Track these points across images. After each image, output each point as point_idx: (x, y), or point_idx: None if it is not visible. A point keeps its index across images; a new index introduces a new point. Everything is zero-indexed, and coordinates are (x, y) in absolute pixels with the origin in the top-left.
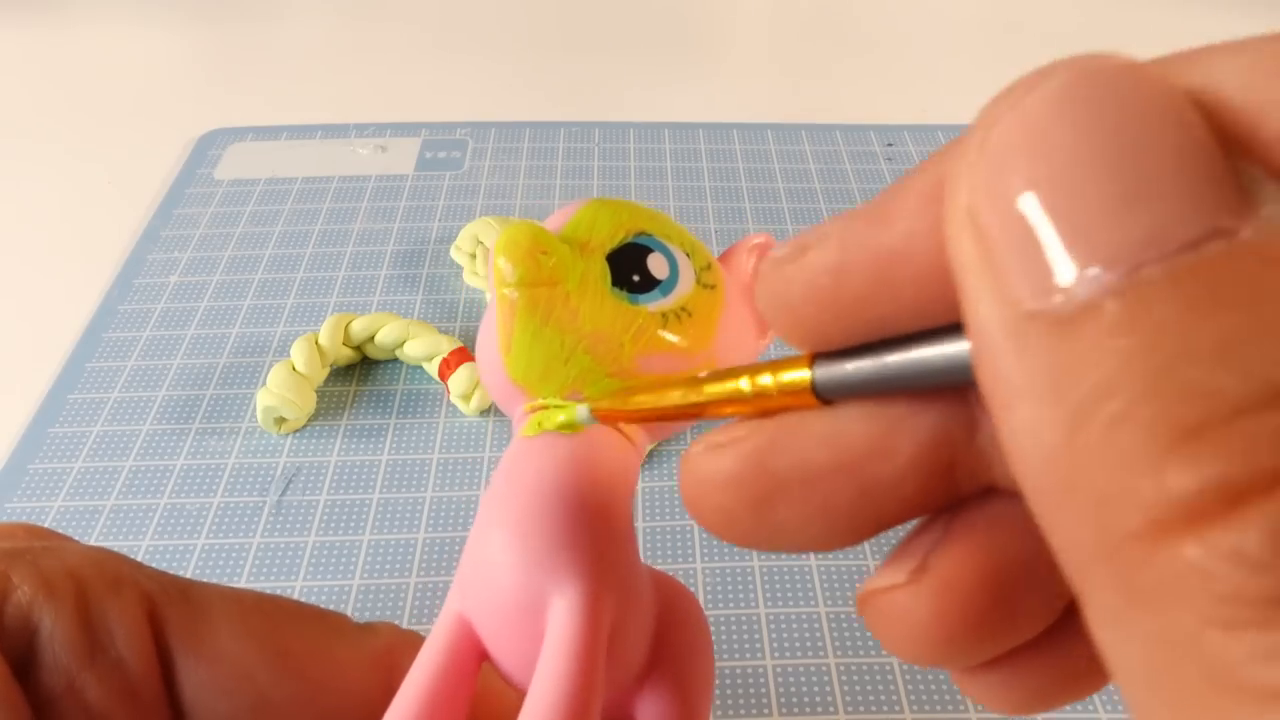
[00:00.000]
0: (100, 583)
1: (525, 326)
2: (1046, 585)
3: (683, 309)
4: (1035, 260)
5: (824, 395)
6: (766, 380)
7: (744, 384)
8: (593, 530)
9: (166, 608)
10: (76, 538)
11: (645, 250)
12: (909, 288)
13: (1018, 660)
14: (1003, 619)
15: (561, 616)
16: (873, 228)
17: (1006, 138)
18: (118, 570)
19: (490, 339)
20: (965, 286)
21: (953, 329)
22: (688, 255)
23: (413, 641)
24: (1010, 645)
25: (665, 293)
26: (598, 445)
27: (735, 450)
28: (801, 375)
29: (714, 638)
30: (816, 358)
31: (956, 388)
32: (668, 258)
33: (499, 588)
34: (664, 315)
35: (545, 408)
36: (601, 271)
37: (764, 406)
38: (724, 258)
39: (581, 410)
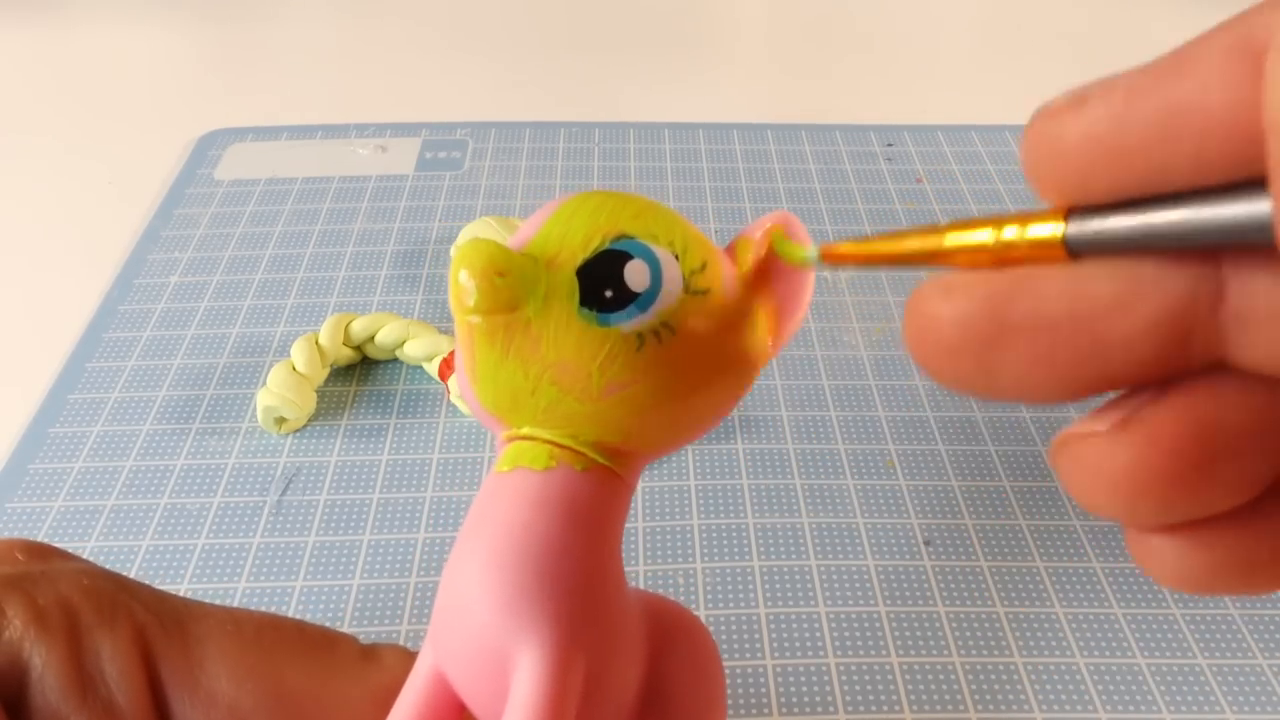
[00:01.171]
0: (94, 615)
1: (486, 358)
2: (1257, 459)
3: (664, 325)
4: None
5: (1075, 250)
6: (1012, 233)
7: (987, 235)
8: (567, 578)
9: (161, 642)
10: (77, 538)
11: (622, 258)
12: (1193, 142)
13: (1203, 530)
14: (1202, 481)
15: (525, 676)
16: (1165, 81)
17: None
18: (113, 599)
19: (457, 354)
20: (1271, 93)
21: (1237, 189)
22: (677, 256)
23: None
24: (1200, 512)
25: (643, 307)
26: (578, 482)
27: (970, 293)
28: (1052, 230)
29: (714, 638)
30: (1071, 212)
31: (1211, 253)
32: (649, 263)
33: (467, 635)
34: (639, 336)
35: (522, 439)
36: (569, 289)
37: (1004, 259)
38: (732, 247)
39: (811, 251)
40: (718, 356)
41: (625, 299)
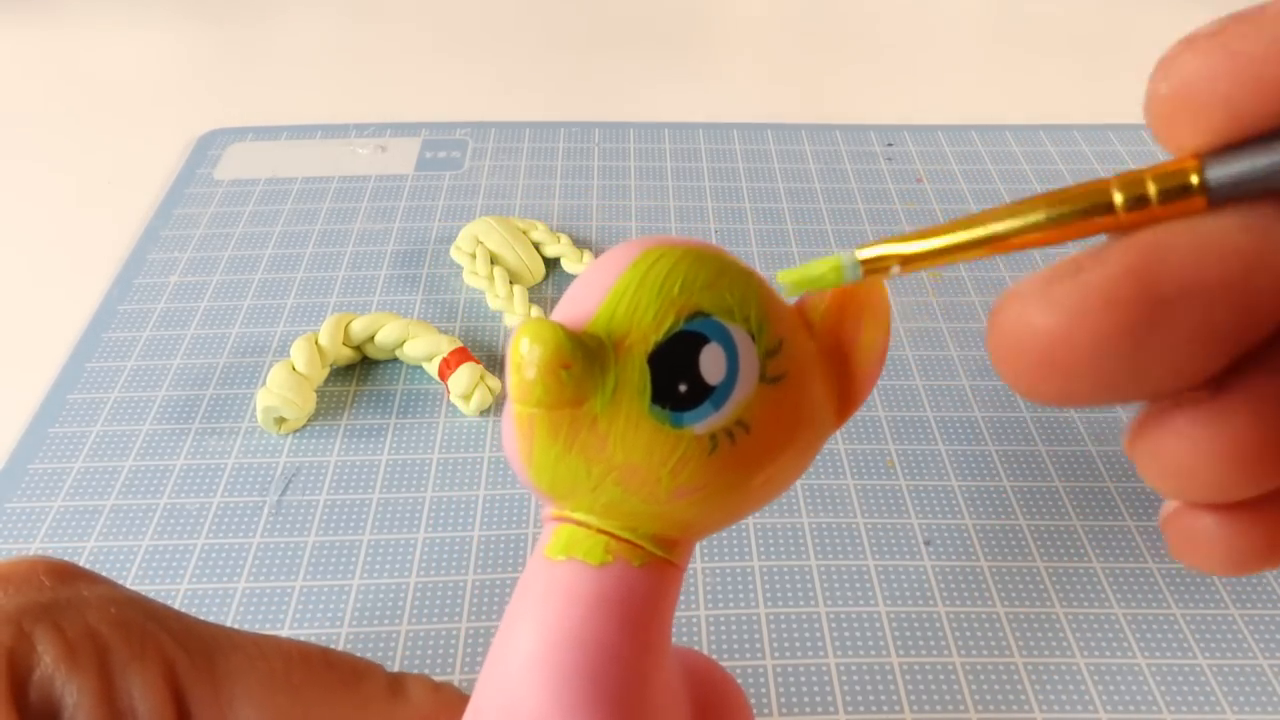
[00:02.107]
0: (124, 649)
1: (545, 449)
2: None
3: (738, 423)
4: None
5: (1216, 198)
6: (1143, 190)
7: (1117, 197)
8: (619, 682)
9: (190, 678)
10: (76, 538)
11: (698, 342)
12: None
13: (1262, 505)
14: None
15: None
16: None
17: None
18: (143, 631)
19: (511, 431)
20: None
21: None
22: (752, 335)
23: (448, 703)
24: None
25: (718, 404)
26: (635, 579)
27: (1106, 271)
28: (1188, 180)
29: (715, 638)
30: (1205, 158)
31: None
32: (726, 349)
33: None
34: (713, 438)
35: (576, 523)
36: (640, 382)
37: (1133, 222)
38: (803, 309)
39: (847, 263)
40: (790, 445)
41: (700, 394)
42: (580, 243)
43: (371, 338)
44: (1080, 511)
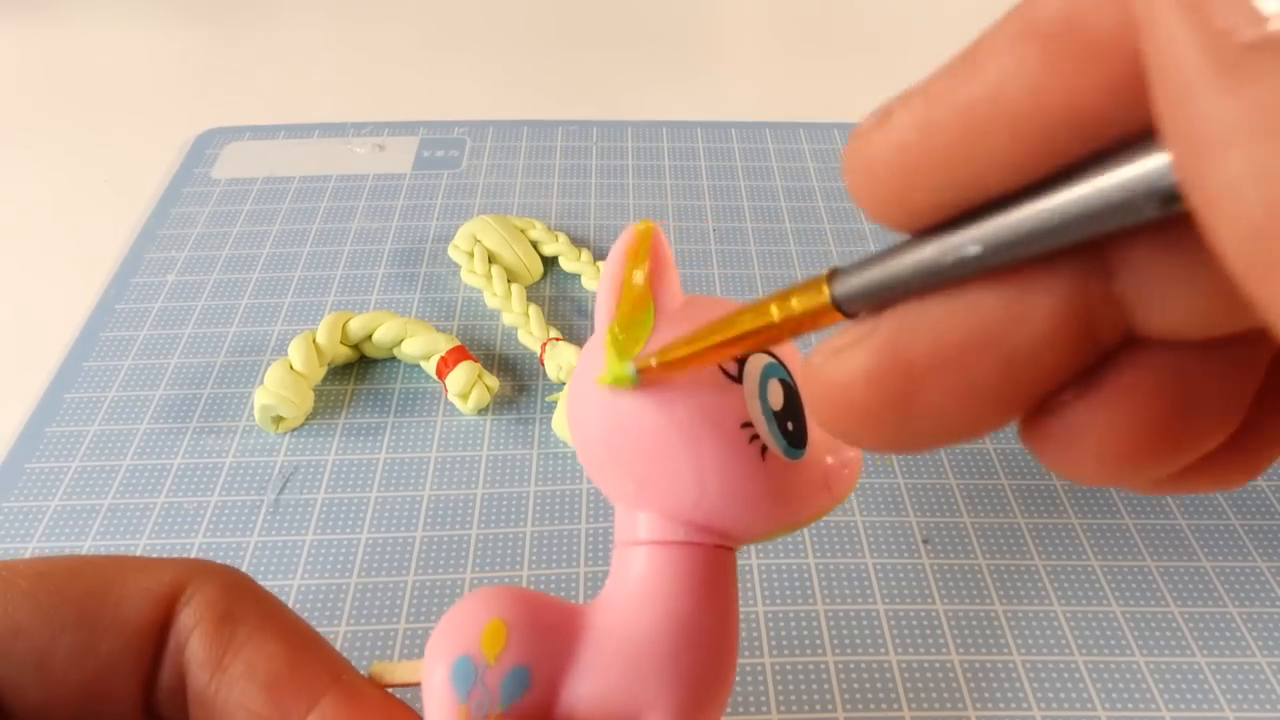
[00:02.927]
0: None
1: None
2: (1215, 406)
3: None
4: None
5: (847, 307)
6: (789, 306)
7: (774, 311)
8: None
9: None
10: (74, 537)
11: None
12: (1003, 137)
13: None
14: (1177, 447)
15: None
16: (961, 78)
17: None
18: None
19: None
20: (1157, 30)
21: (1060, 178)
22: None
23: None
24: (1180, 465)
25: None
26: (721, 566)
27: (864, 347)
28: (819, 297)
29: None
30: (834, 274)
31: (1073, 243)
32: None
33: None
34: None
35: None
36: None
37: (794, 330)
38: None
39: (630, 370)
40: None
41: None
42: (578, 241)
43: (369, 336)
44: (1078, 510)
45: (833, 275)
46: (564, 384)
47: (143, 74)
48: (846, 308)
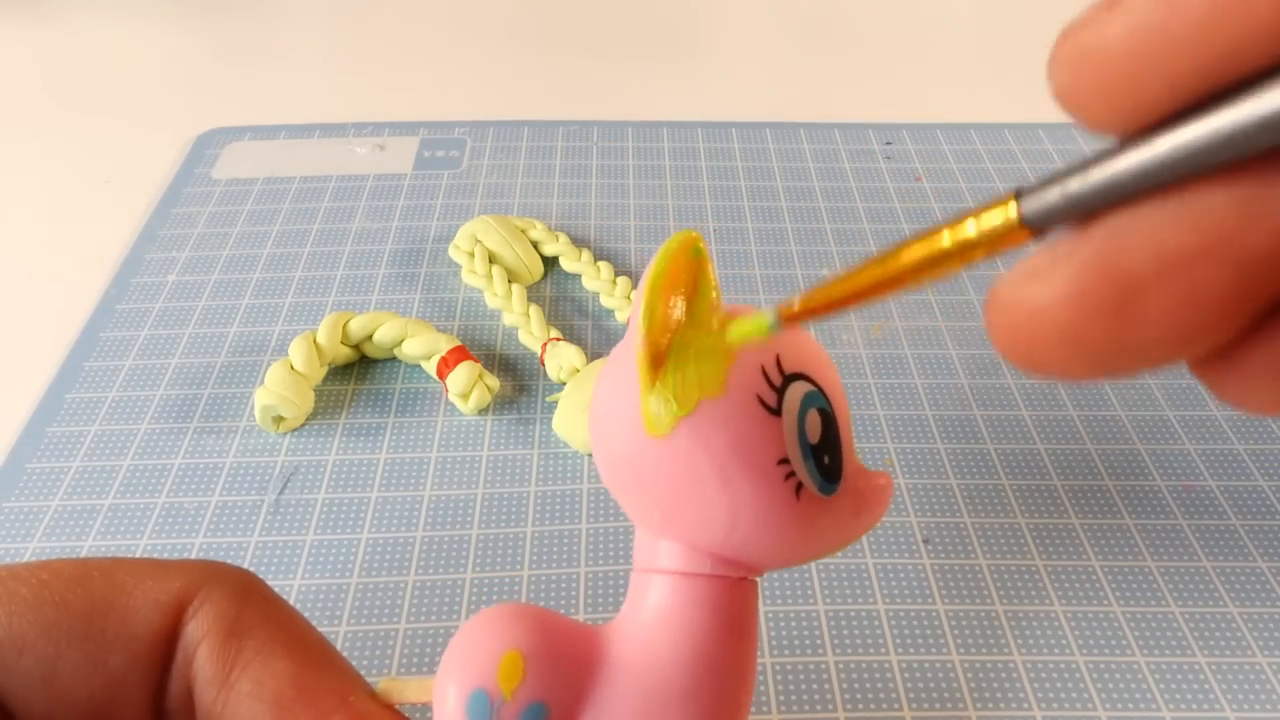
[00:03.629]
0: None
1: None
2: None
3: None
4: None
5: (1035, 225)
6: (969, 229)
7: (945, 239)
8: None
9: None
10: (74, 537)
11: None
12: (1264, 5)
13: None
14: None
15: None
16: None
17: None
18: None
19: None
20: None
21: None
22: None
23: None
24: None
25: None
26: (744, 599)
27: (1071, 263)
28: (1005, 215)
29: None
30: (1020, 192)
31: None
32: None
33: None
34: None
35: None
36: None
37: (968, 259)
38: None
39: (770, 317)
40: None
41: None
42: (579, 241)
43: (370, 336)
44: (1079, 510)
45: (1019, 194)
46: (564, 384)
47: (143, 74)
48: (1038, 224)
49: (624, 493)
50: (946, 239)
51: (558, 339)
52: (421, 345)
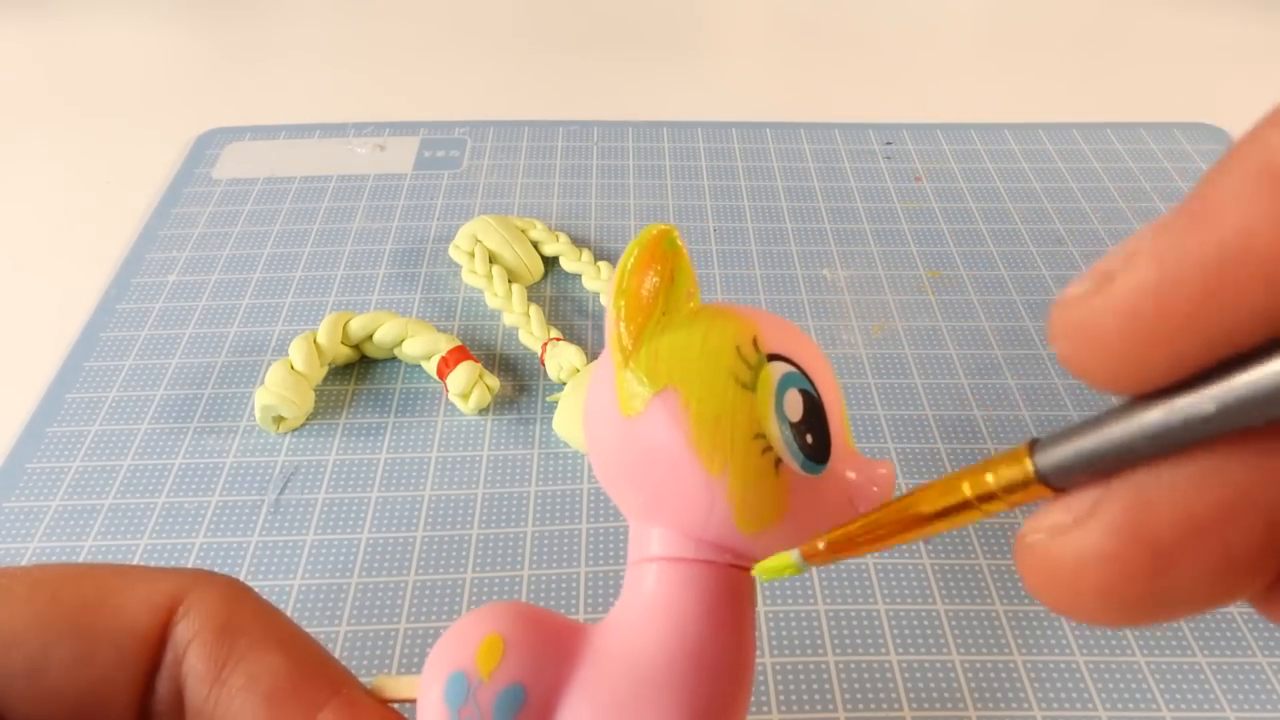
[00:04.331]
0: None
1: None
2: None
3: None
4: None
5: (1056, 481)
6: (987, 481)
7: (966, 489)
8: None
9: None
10: (74, 537)
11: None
12: (1257, 288)
13: None
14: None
15: None
16: (1194, 232)
17: None
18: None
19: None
20: None
21: None
22: None
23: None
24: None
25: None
26: (734, 587)
27: (1097, 524)
28: (1022, 470)
29: None
30: (1035, 444)
31: None
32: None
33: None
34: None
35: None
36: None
37: (994, 509)
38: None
39: (797, 559)
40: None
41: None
42: (579, 241)
43: (370, 336)
44: None
45: (1033, 446)
46: (565, 384)
47: (143, 74)
48: (1055, 482)
49: (611, 484)
50: (967, 490)
51: (558, 339)
52: (422, 345)
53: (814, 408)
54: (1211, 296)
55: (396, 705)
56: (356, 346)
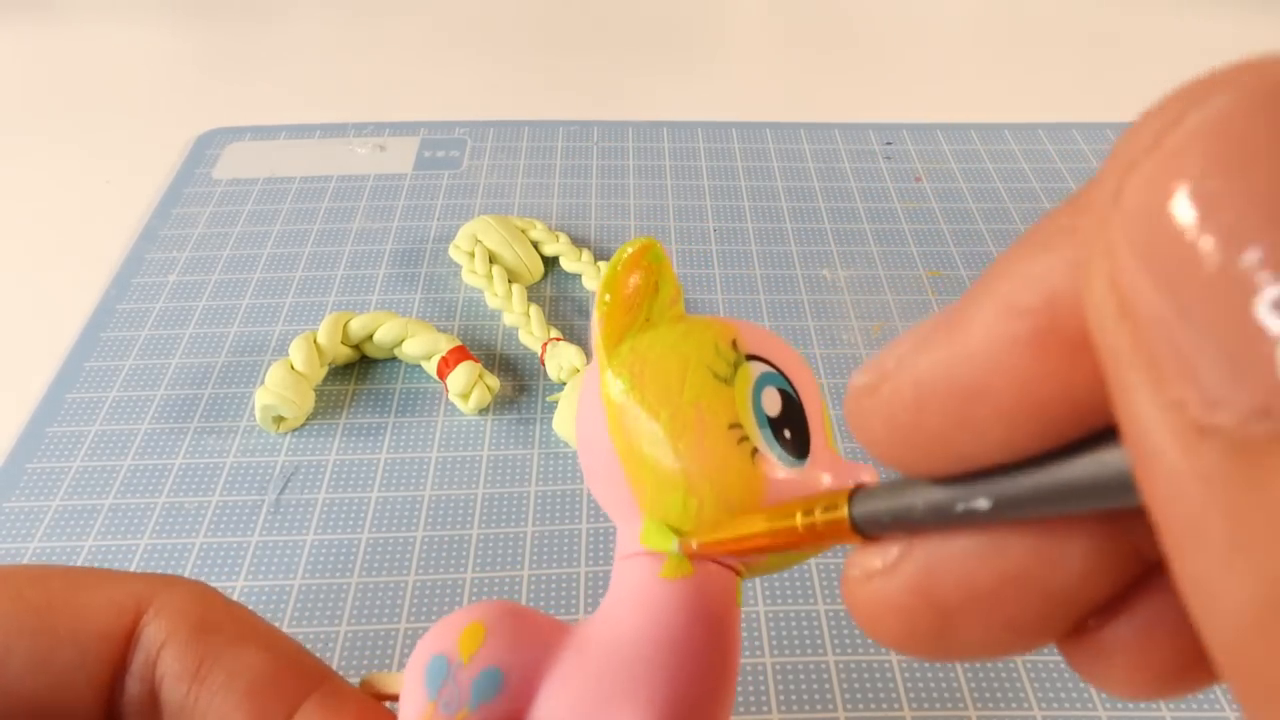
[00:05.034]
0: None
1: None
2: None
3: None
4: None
5: (865, 530)
6: (811, 515)
7: (798, 517)
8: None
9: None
10: (75, 537)
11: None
12: (994, 424)
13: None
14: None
15: None
16: (943, 351)
17: (1151, 186)
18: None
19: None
20: (1117, 381)
21: (1068, 452)
22: None
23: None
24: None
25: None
26: (715, 582)
27: (894, 578)
28: (838, 513)
29: None
30: (855, 493)
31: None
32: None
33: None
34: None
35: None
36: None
37: (822, 544)
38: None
39: (673, 545)
40: None
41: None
42: (579, 241)
43: (370, 336)
44: None
45: (855, 492)
46: (564, 384)
47: (144, 74)
48: (865, 530)
49: (596, 481)
50: (798, 519)
51: (558, 339)
52: (422, 345)
53: (792, 407)
54: (956, 424)
55: (388, 703)
56: (356, 346)
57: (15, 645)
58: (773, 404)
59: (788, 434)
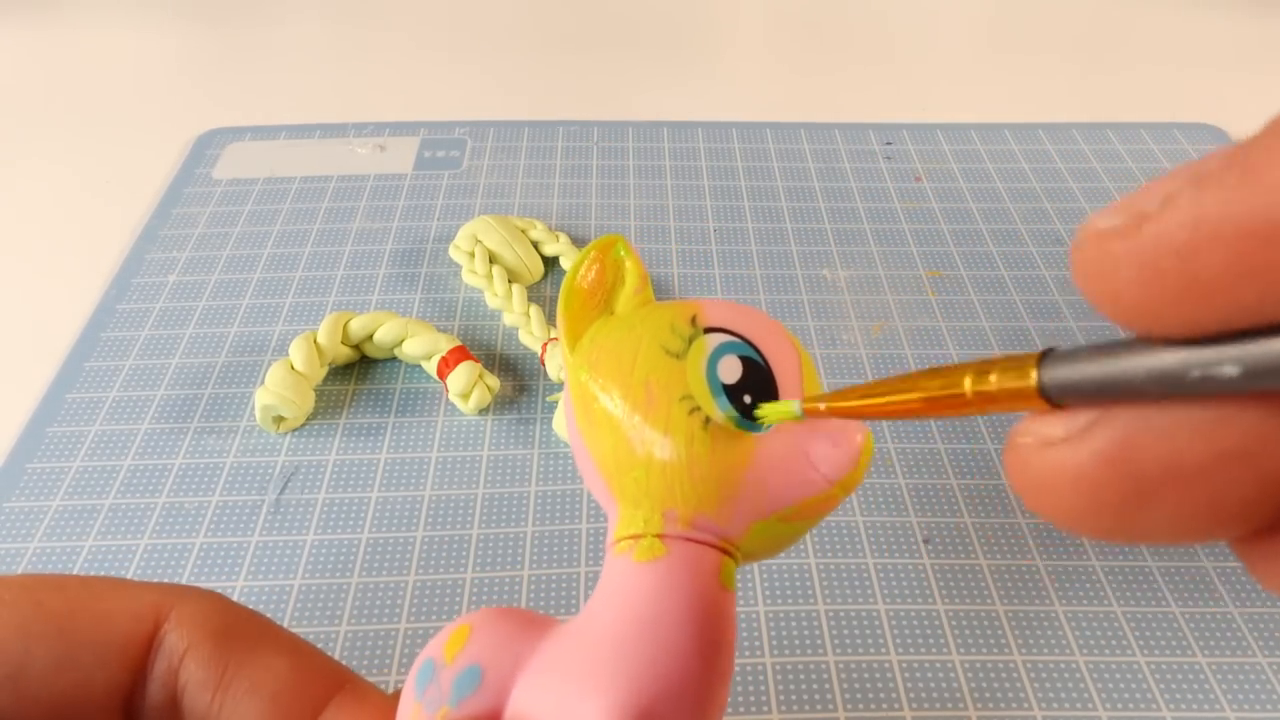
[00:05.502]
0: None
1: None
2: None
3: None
4: None
5: (1056, 398)
6: (988, 381)
7: (967, 384)
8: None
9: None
10: (75, 537)
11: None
12: None
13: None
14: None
15: None
16: (1237, 190)
17: None
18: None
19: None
20: None
21: None
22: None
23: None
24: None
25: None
26: (700, 563)
27: (1086, 447)
28: (1025, 380)
29: None
30: (1045, 356)
31: None
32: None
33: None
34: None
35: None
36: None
37: (989, 410)
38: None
39: (796, 407)
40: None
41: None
42: (579, 241)
43: (370, 336)
44: None
45: (1044, 357)
46: (564, 384)
47: (144, 74)
48: (1055, 398)
49: (584, 475)
50: (968, 384)
51: (558, 339)
52: (422, 345)
53: (756, 371)
54: (1248, 268)
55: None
56: (357, 346)
57: (36, 650)
58: (731, 371)
59: (747, 399)
